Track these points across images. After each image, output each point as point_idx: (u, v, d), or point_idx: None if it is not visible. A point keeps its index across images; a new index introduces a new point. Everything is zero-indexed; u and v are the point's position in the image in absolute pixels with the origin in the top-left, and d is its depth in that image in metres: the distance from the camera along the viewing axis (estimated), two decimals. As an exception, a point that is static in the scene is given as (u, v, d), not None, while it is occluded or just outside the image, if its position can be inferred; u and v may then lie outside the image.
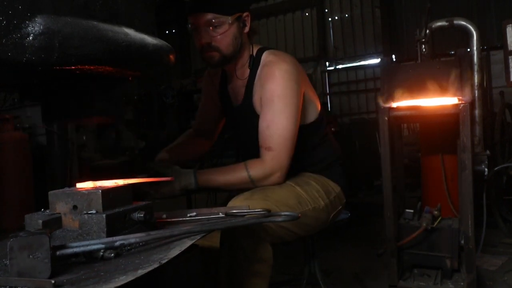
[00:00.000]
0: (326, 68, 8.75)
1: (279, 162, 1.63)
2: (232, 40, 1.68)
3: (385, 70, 2.10)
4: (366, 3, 8.34)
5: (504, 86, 3.54)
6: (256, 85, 1.72)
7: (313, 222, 1.72)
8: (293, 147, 1.66)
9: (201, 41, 1.67)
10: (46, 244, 0.80)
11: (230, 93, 1.87)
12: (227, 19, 1.64)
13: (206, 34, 1.65)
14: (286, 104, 1.64)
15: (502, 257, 2.96)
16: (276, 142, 1.62)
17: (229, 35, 1.66)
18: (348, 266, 3.00)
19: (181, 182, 1.61)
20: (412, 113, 1.97)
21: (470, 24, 3.14)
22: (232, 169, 1.67)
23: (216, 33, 1.65)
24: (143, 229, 1.04)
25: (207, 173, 1.67)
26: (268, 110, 1.65)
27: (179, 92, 8.49)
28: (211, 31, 1.64)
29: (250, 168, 1.63)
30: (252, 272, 1.49)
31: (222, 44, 1.66)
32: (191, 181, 1.62)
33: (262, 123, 1.67)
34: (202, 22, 1.64)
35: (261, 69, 1.71)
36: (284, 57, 1.73)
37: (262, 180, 1.64)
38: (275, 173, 1.64)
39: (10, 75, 0.91)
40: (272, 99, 1.64)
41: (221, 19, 1.63)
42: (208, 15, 1.62)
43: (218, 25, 1.64)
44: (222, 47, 1.67)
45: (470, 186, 1.88)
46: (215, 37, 1.65)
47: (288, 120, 1.64)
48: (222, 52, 1.68)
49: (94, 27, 0.88)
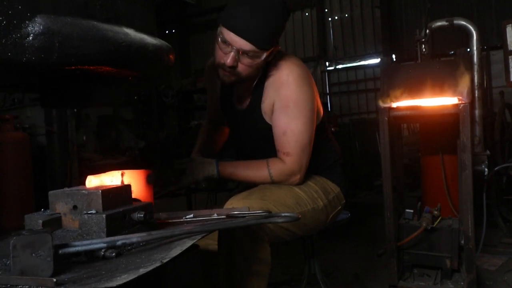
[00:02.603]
0: (326, 68, 8.75)
1: (299, 165, 1.66)
2: (255, 71, 1.63)
3: (385, 70, 2.10)
4: (366, 3, 8.35)
5: (504, 86, 3.54)
6: (267, 92, 1.69)
7: (311, 222, 1.73)
8: (310, 150, 1.68)
9: (227, 61, 1.56)
10: (48, 242, 0.80)
11: (234, 96, 1.84)
12: (263, 55, 1.57)
13: (235, 58, 1.56)
14: (301, 109, 1.64)
15: (502, 257, 2.96)
16: (293, 147, 1.64)
17: (256, 66, 1.60)
18: (348, 266, 3.00)
19: (204, 171, 1.67)
20: (412, 113, 1.97)
21: (470, 24, 3.14)
22: (254, 165, 1.70)
23: (246, 63, 1.57)
24: (143, 229, 1.05)
25: (229, 165, 1.70)
26: (283, 116, 1.64)
27: (179, 92, 8.50)
28: (242, 58, 1.56)
29: (272, 167, 1.66)
30: (250, 272, 1.49)
31: (246, 72, 1.60)
32: (214, 171, 1.67)
33: (277, 129, 1.66)
34: (238, 45, 1.54)
35: (271, 75, 1.68)
36: (294, 60, 1.71)
37: (282, 180, 1.68)
38: (295, 175, 1.67)
39: (10, 75, 0.91)
40: (287, 105, 1.63)
41: (257, 54, 1.56)
42: (249, 45, 1.53)
43: (251, 57, 1.56)
44: (243, 75, 1.61)
45: (470, 186, 1.88)
46: (242, 65, 1.58)
47: (305, 125, 1.64)
48: (240, 78, 1.62)
49: (94, 27, 0.88)
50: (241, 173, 1.70)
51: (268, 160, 1.68)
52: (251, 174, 1.69)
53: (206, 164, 1.69)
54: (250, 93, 1.75)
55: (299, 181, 1.69)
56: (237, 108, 1.84)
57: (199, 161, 1.71)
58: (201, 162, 1.70)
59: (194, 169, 1.69)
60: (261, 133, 1.75)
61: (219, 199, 1.89)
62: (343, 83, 8.61)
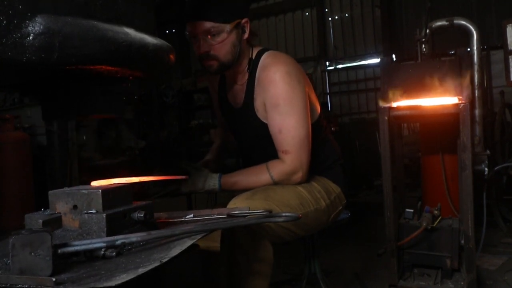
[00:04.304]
0: (326, 67, 8.74)
1: (299, 162, 1.65)
2: (230, 48, 1.65)
3: (385, 69, 2.10)
4: (366, 3, 8.34)
5: (504, 85, 3.54)
6: (257, 89, 1.71)
7: (313, 223, 1.73)
8: (309, 145, 1.68)
9: (200, 50, 1.64)
10: (48, 242, 0.80)
11: (230, 96, 1.86)
12: (226, 27, 1.60)
13: (205, 43, 1.62)
14: (292, 105, 1.64)
15: (502, 257, 2.96)
16: (291, 144, 1.64)
17: (228, 43, 1.63)
18: (348, 266, 3.00)
19: (205, 185, 1.69)
20: (412, 113, 1.97)
21: (470, 24, 3.14)
22: (254, 172, 1.70)
23: (215, 41, 1.61)
24: (143, 229, 1.05)
25: (230, 177, 1.70)
26: (276, 114, 1.65)
27: (179, 92, 8.49)
28: (209, 39, 1.61)
29: (272, 169, 1.66)
30: (252, 271, 1.49)
31: (221, 52, 1.63)
32: (215, 186, 1.69)
33: (273, 128, 1.67)
34: (200, 30, 1.60)
35: (260, 73, 1.70)
36: (282, 58, 1.71)
37: (284, 180, 1.67)
38: (297, 173, 1.66)
39: (10, 75, 0.91)
40: (277, 103, 1.64)
41: (219, 28, 1.60)
42: (206, 24, 1.58)
43: (216, 34, 1.60)
44: (220, 56, 1.64)
45: (470, 186, 1.88)
46: (214, 46, 1.62)
47: (299, 121, 1.64)
48: (220, 61, 1.65)
49: (94, 27, 0.88)
50: (243, 182, 1.69)
51: (267, 164, 1.68)
52: (252, 181, 1.68)
53: (208, 178, 1.69)
54: (243, 91, 1.77)
55: (301, 179, 1.68)
56: (233, 107, 1.85)
57: (203, 174, 1.70)
58: (204, 176, 1.70)
59: (196, 180, 1.69)
60: (257, 131, 1.75)
61: (219, 199, 1.88)
62: (343, 83, 8.60)
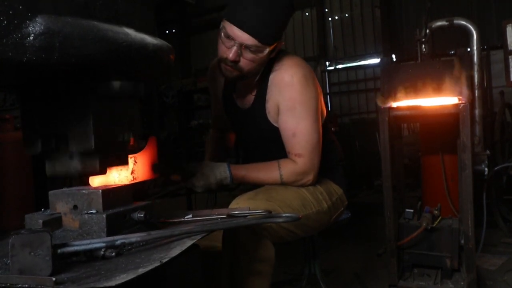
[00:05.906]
0: (326, 68, 8.75)
1: (311, 165, 1.65)
2: (258, 66, 1.61)
3: (385, 70, 2.10)
4: (366, 3, 8.35)
5: (504, 86, 3.54)
6: (270, 91, 1.68)
7: (315, 224, 1.72)
8: (320, 149, 1.68)
9: (229, 55, 1.55)
10: (47, 242, 0.80)
11: (237, 96, 1.82)
12: (265, 49, 1.55)
13: (237, 52, 1.54)
14: (308, 110, 1.63)
15: (502, 257, 2.96)
16: (304, 148, 1.63)
17: (258, 62, 1.59)
18: (348, 266, 3.00)
19: (216, 175, 1.61)
20: (412, 113, 1.97)
21: (470, 24, 3.14)
22: (265, 167, 1.67)
23: (248, 57, 1.55)
24: (143, 229, 1.05)
25: (240, 168, 1.67)
26: (291, 117, 1.64)
27: (179, 92, 8.49)
28: (245, 52, 1.55)
29: (283, 168, 1.64)
30: (254, 271, 1.49)
31: (248, 67, 1.58)
32: (226, 173, 1.62)
33: (286, 132, 1.65)
34: (241, 40, 1.52)
35: (274, 74, 1.67)
36: (298, 61, 1.70)
37: (294, 181, 1.66)
38: (308, 175, 1.66)
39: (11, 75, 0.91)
40: (294, 106, 1.63)
41: (260, 48, 1.54)
42: (251, 39, 1.51)
43: (253, 51, 1.54)
44: (245, 70, 1.59)
45: (470, 186, 1.88)
46: (245, 59, 1.56)
47: (313, 125, 1.64)
48: (243, 73, 1.60)
49: (94, 27, 0.88)
50: (253, 176, 1.66)
51: (279, 161, 1.66)
52: (262, 176, 1.66)
53: (218, 167, 1.62)
54: (252, 92, 1.74)
55: (311, 182, 1.68)
56: (240, 108, 1.82)
57: (211, 165, 1.64)
58: (212, 166, 1.63)
59: (206, 172, 1.61)
60: (264, 133, 1.74)
61: (219, 199, 1.88)
62: (343, 83, 8.61)
